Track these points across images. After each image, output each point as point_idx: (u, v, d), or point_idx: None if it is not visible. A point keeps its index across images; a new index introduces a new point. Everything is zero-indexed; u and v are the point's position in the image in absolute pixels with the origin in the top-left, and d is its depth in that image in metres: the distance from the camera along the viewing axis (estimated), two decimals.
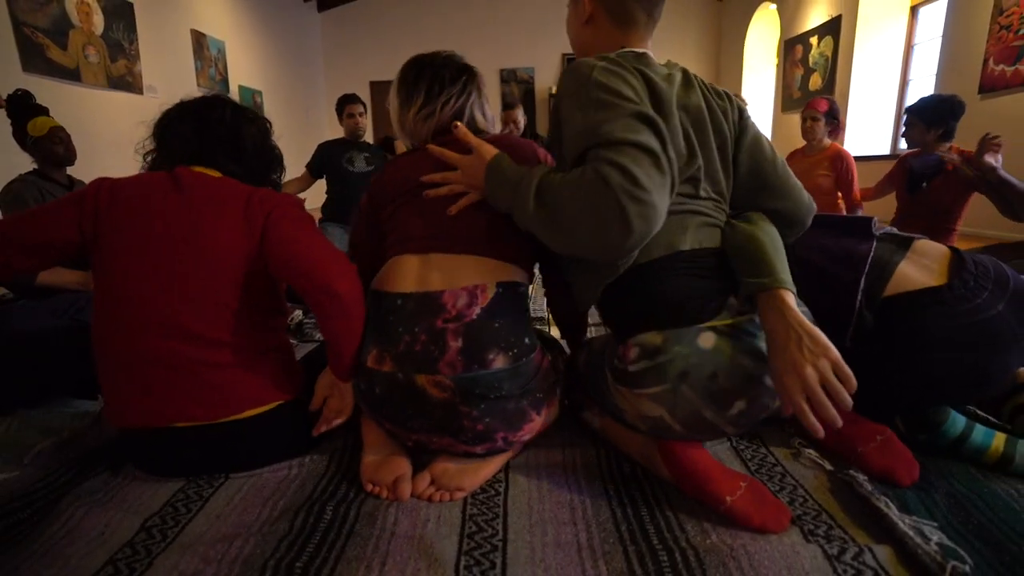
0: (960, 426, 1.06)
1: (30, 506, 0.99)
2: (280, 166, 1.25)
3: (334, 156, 3.39)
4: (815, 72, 6.49)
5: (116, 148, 2.57)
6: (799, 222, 1.09)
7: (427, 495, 1.00)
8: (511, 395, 0.99)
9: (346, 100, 3.43)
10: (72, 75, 4.31)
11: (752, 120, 1.07)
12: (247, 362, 1.05)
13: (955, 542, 0.83)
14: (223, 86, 6.47)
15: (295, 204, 1.10)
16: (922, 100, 2.42)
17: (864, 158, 5.12)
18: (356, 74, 8.97)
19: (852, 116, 5.77)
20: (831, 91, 6.09)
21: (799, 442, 1.15)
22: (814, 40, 6.47)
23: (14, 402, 1.36)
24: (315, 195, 3.46)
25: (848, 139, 5.69)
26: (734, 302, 0.93)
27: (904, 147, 2.58)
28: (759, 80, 8.20)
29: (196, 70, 5.99)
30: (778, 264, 0.92)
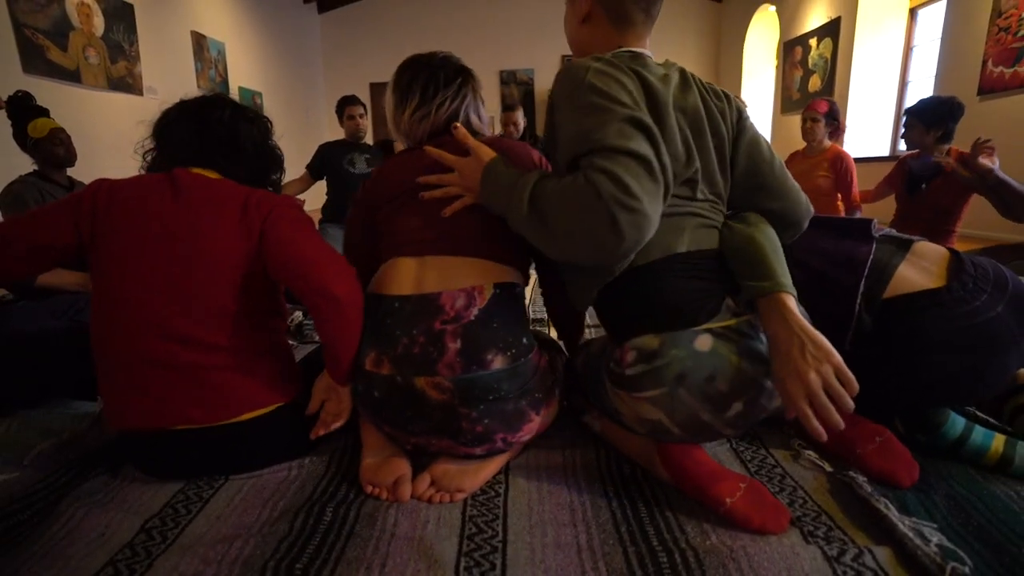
0: (960, 427, 1.06)
1: (30, 507, 0.99)
2: (280, 167, 1.24)
3: (335, 157, 3.39)
4: (814, 74, 6.50)
5: (116, 149, 2.57)
6: (796, 224, 1.09)
7: (427, 496, 1.00)
8: (510, 396, 0.99)
9: (346, 102, 3.43)
10: (72, 76, 4.32)
11: (751, 121, 1.06)
12: (246, 364, 1.05)
13: (955, 543, 0.83)
14: (223, 87, 6.48)
15: (293, 206, 1.10)
16: (921, 102, 2.43)
17: (863, 159, 5.12)
18: (356, 76, 8.98)
19: (851, 118, 5.78)
20: (830, 93, 6.11)
21: (799, 443, 1.15)
22: (813, 42, 6.48)
23: (14, 403, 1.36)
24: (315, 196, 3.46)
25: (847, 140, 5.69)
26: (731, 303, 0.93)
27: (903, 149, 2.59)
28: (758, 82, 8.22)
29: (196, 71, 6.00)
30: (778, 267, 0.92)
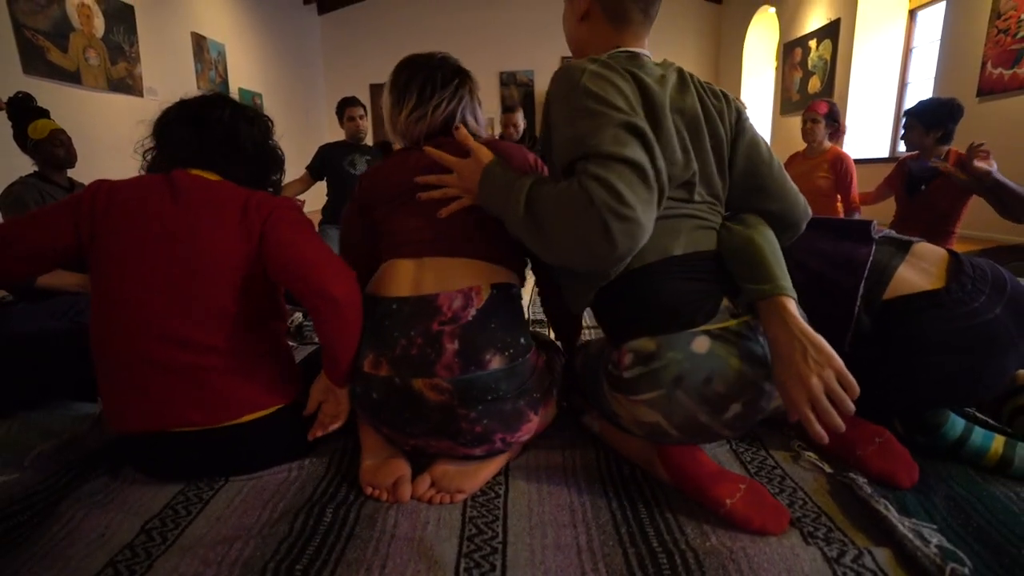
0: (959, 428, 1.06)
1: (30, 508, 0.99)
2: (280, 167, 1.24)
3: (335, 158, 3.39)
4: (814, 75, 6.51)
5: (116, 150, 2.57)
6: (794, 225, 1.08)
7: (427, 497, 1.00)
8: (508, 396, 0.99)
9: (346, 103, 3.44)
10: (72, 77, 4.32)
11: (750, 122, 1.06)
12: (246, 366, 1.05)
13: (954, 544, 0.83)
14: (223, 88, 6.48)
15: (293, 208, 1.09)
16: (921, 103, 2.43)
17: (863, 161, 5.13)
18: (356, 77, 8.99)
19: (851, 119, 5.78)
20: (830, 94, 6.11)
21: (798, 444, 1.15)
22: (813, 43, 6.49)
23: (14, 404, 1.36)
24: (315, 197, 3.46)
25: (847, 142, 5.69)
26: (729, 305, 0.93)
27: (903, 150, 2.59)
28: (758, 83, 8.22)
29: (196, 72, 6.00)
30: (777, 270, 0.92)
